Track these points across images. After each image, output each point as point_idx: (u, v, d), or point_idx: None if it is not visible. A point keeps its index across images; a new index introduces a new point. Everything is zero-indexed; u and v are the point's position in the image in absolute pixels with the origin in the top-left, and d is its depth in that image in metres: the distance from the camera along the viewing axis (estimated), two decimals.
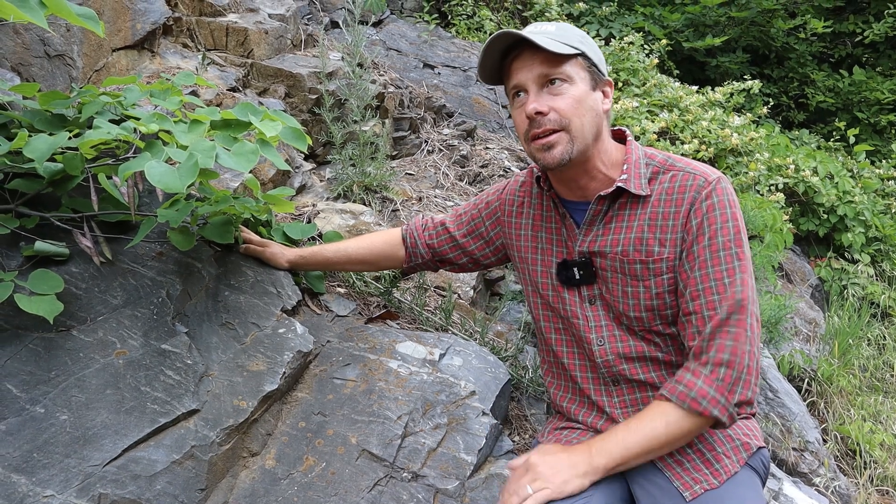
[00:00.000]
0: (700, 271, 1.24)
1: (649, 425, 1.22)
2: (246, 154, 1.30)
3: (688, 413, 1.20)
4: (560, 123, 1.27)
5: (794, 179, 4.37)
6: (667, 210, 1.30)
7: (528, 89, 1.28)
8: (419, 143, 3.21)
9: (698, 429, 1.22)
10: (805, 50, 6.77)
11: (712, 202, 1.26)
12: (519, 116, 1.32)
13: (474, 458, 1.53)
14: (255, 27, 2.81)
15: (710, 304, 1.22)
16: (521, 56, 1.28)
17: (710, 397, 1.19)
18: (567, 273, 1.39)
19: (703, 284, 1.24)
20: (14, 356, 1.33)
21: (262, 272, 1.75)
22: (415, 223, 1.72)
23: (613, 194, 1.33)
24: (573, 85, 1.28)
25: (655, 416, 1.22)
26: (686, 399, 1.20)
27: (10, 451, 1.22)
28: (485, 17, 4.90)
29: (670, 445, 1.23)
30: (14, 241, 1.47)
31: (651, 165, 1.35)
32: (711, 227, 1.25)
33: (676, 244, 1.29)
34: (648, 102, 4.39)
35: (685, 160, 1.35)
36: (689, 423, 1.21)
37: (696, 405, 1.19)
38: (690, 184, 1.29)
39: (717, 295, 1.22)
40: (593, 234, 1.36)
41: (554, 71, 1.27)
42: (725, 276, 1.23)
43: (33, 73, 2.04)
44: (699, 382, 1.20)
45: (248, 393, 1.47)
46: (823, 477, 2.52)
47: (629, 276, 1.32)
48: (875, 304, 4.26)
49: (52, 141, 1.29)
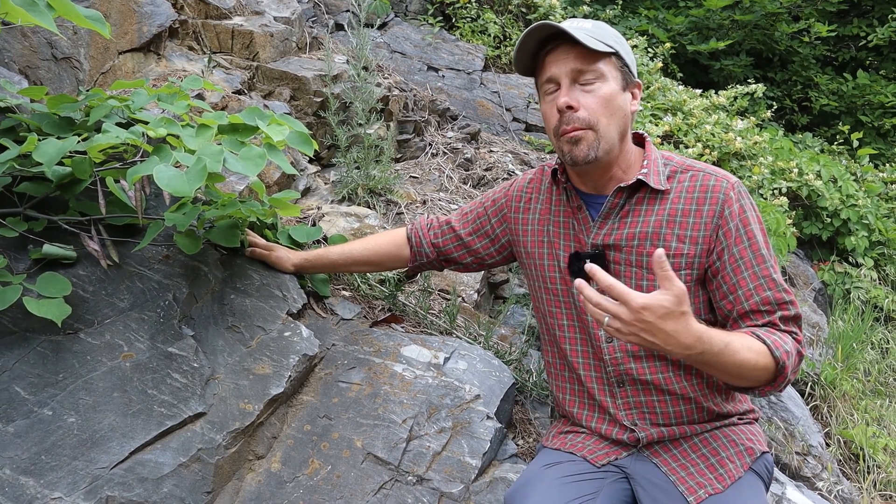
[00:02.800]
0: (748, 271, 1.28)
1: (749, 354, 1.16)
2: (254, 158, 1.30)
3: (772, 363, 1.18)
4: (588, 122, 1.28)
5: (798, 183, 4.36)
6: (687, 207, 1.32)
7: (561, 83, 1.30)
8: (423, 146, 3.22)
9: (760, 382, 1.20)
10: (809, 53, 6.77)
11: (742, 205, 1.31)
12: (549, 110, 1.33)
13: (479, 462, 1.53)
14: (260, 30, 2.82)
15: (766, 300, 1.27)
16: (556, 49, 1.30)
17: (792, 365, 1.21)
18: (579, 264, 1.39)
19: (753, 283, 1.28)
20: (22, 359, 1.34)
21: (267, 276, 1.75)
22: (420, 222, 1.73)
23: (632, 188, 1.35)
24: (605, 83, 1.29)
25: (754, 347, 1.18)
26: (780, 349, 1.19)
27: (18, 453, 1.23)
28: (489, 20, 4.90)
29: (742, 376, 1.18)
30: (22, 244, 1.48)
31: (669, 165, 1.37)
32: (747, 228, 1.30)
33: (698, 242, 1.31)
34: (652, 106, 4.39)
35: (701, 163, 1.39)
36: (765, 373, 1.19)
37: (786, 357, 1.19)
38: (713, 184, 1.32)
39: (769, 291, 1.28)
40: (608, 228, 1.37)
41: (588, 67, 1.28)
42: (772, 272, 1.29)
43: (41, 75, 2.05)
44: (790, 344, 1.22)
45: (253, 396, 1.48)
46: (826, 481, 2.52)
47: (645, 269, 1.33)
48: (879, 307, 4.25)
49: (61, 145, 1.29)
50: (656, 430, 1.36)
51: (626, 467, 1.37)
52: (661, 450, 1.36)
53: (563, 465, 1.38)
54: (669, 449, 1.36)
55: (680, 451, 1.35)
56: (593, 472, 1.36)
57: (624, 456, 1.39)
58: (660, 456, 1.35)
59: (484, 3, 5.11)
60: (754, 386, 1.22)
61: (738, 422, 1.41)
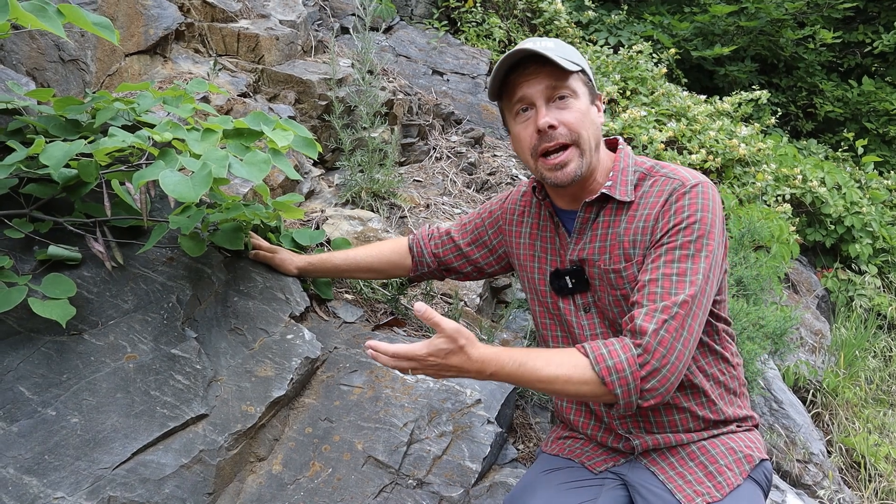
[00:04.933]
0: (652, 264, 1.24)
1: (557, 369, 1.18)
2: (258, 164, 1.31)
3: (595, 377, 1.17)
4: (570, 137, 1.28)
5: (802, 190, 4.36)
6: (646, 214, 1.30)
7: (536, 103, 1.29)
8: (427, 149, 3.23)
9: (592, 396, 1.20)
10: (814, 59, 6.76)
11: (682, 204, 1.26)
12: (524, 131, 1.32)
13: (479, 466, 1.54)
14: (266, 33, 2.83)
15: (652, 297, 1.21)
16: (527, 70, 1.29)
17: (623, 376, 1.16)
18: (559, 282, 1.40)
19: (650, 276, 1.23)
20: (27, 359, 1.35)
21: (270, 278, 1.76)
22: (421, 232, 1.74)
23: (599, 201, 1.34)
24: (577, 99, 1.30)
25: (565, 362, 1.19)
26: (602, 363, 1.17)
27: (22, 452, 1.24)
28: (494, 25, 4.91)
29: (557, 391, 1.21)
30: (28, 246, 1.49)
31: (638, 172, 1.35)
32: (676, 227, 1.24)
33: (646, 245, 1.28)
34: (656, 112, 4.39)
35: (672, 166, 1.35)
36: (588, 387, 1.18)
37: (607, 374, 1.17)
38: (668, 188, 1.29)
39: (661, 289, 1.21)
40: (583, 242, 1.36)
41: (561, 84, 1.28)
42: (675, 274, 1.22)
43: (48, 77, 2.06)
44: (622, 357, 1.17)
45: (256, 398, 1.48)
46: (827, 489, 2.51)
47: (608, 286, 1.33)
48: (882, 315, 4.24)
49: (67, 148, 1.31)
50: (651, 438, 1.37)
51: (623, 474, 1.37)
52: (659, 457, 1.37)
53: (561, 472, 1.38)
54: (667, 456, 1.36)
55: (677, 458, 1.35)
56: (591, 478, 1.36)
57: (621, 463, 1.39)
58: (657, 464, 1.36)
59: (489, 7, 5.12)
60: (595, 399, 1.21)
61: (736, 429, 1.41)
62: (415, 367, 1.18)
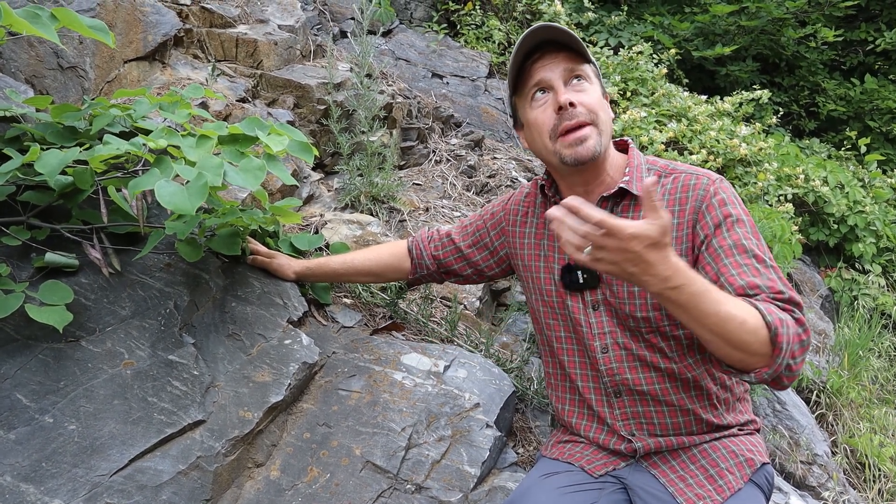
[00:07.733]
0: (729, 259, 1.22)
1: (735, 309, 1.09)
2: (253, 170, 1.31)
3: (764, 328, 1.09)
4: (588, 117, 1.31)
5: (804, 189, 4.34)
6: (670, 209, 1.32)
7: (554, 84, 1.32)
8: (427, 153, 3.23)
9: (751, 352, 1.09)
10: (816, 58, 6.74)
11: (723, 197, 1.29)
12: (543, 114, 1.34)
13: (478, 471, 1.53)
14: (264, 38, 2.84)
15: (752, 285, 1.18)
16: (543, 55, 1.33)
17: (788, 337, 1.10)
18: (571, 277, 1.40)
19: (736, 270, 1.21)
20: (24, 366, 1.35)
21: (268, 283, 1.76)
22: (421, 235, 1.74)
23: (616, 196, 1.36)
24: (592, 85, 1.34)
25: (742, 305, 1.10)
26: (774, 317, 1.10)
27: (19, 460, 1.24)
28: (493, 27, 4.91)
29: (724, 333, 1.08)
30: (25, 253, 1.49)
31: (653, 170, 1.39)
32: (727, 219, 1.27)
33: (682, 241, 1.30)
34: (657, 112, 4.38)
35: (686, 165, 1.39)
36: (755, 338, 1.08)
37: (778, 326, 1.09)
38: (694, 183, 1.32)
39: (754, 277, 1.19)
40: None
41: (578, 67, 1.33)
42: (755, 262, 1.21)
43: (46, 84, 2.07)
44: (789, 319, 1.12)
45: (253, 404, 1.48)
46: (832, 491, 2.50)
47: None
48: (886, 315, 4.22)
49: (62, 156, 1.31)
50: (654, 441, 1.36)
51: (624, 478, 1.37)
52: (660, 461, 1.36)
53: (561, 476, 1.37)
54: (668, 460, 1.36)
55: (679, 462, 1.35)
56: (591, 482, 1.36)
57: (622, 466, 1.38)
58: (658, 467, 1.35)
59: (488, 10, 5.13)
60: (747, 359, 1.11)
61: (738, 433, 1.40)
62: (604, 246, 1.01)
